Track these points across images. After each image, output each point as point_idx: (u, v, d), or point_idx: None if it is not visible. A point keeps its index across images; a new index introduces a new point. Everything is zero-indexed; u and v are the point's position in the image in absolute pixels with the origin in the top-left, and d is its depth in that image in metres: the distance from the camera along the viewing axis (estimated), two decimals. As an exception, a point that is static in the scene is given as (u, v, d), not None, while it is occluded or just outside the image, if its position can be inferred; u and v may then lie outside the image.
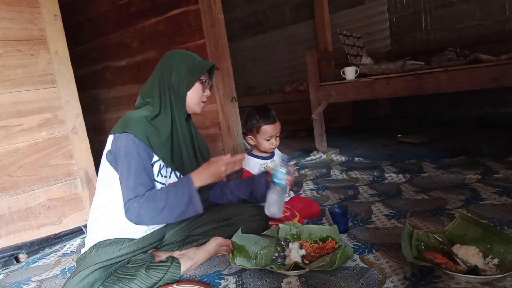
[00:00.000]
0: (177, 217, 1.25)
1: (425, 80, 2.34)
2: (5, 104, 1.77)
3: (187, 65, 1.34)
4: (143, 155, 1.24)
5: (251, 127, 1.71)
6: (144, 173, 1.23)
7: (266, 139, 1.70)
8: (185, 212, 1.23)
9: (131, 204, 1.20)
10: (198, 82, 1.36)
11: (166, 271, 1.26)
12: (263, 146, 1.72)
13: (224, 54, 2.99)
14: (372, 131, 3.91)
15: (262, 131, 1.69)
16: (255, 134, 1.71)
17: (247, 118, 1.74)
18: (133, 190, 1.20)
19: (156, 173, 1.31)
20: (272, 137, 1.70)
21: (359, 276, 1.19)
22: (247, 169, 1.73)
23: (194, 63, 1.36)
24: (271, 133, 1.69)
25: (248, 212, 1.51)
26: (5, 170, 1.77)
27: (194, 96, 1.37)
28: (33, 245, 1.85)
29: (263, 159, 1.77)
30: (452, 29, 3.88)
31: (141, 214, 1.20)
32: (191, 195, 1.22)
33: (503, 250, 1.14)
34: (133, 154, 1.22)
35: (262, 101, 4.71)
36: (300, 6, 4.93)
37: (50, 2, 1.91)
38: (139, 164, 1.22)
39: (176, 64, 1.34)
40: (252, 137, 1.74)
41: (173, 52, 1.41)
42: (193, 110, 1.40)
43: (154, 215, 1.21)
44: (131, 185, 1.21)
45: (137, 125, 1.25)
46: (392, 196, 1.90)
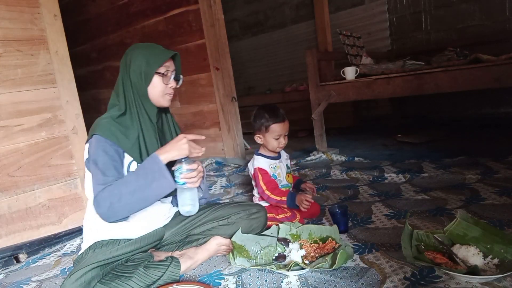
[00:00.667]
0: (152, 196, 1.21)
1: (425, 80, 2.34)
2: (5, 104, 1.77)
3: (143, 59, 1.29)
4: (110, 152, 1.23)
5: (260, 125, 1.70)
6: (112, 168, 1.22)
7: (275, 138, 1.68)
8: (159, 186, 1.19)
9: (100, 195, 1.16)
10: (157, 75, 1.30)
11: (165, 270, 1.26)
12: (271, 145, 1.71)
13: (224, 54, 2.99)
14: (372, 131, 3.90)
15: (271, 129, 1.68)
16: (264, 133, 1.70)
17: (256, 117, 1.72)
18: (101, 184, 1.19)
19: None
20: (281, 136, 1.69)
21: (359, 276, 1.19)
22: (263, 168, 1.72)
23: (150, 55, 1.29)
24: (280, 132, 1.68)
25: (247, 210, 1.51)
26: (5, 170, 1.77)
27: (156, 90, 1.32)
28: (33, 245, 1.85)
29: (272, 159, 1.76)
30: (452, 29, 3.88)
31: (113, 202, 1.15)
32: (160, 168, 1.19)
33: (503, 250, 1.14)
34: (99, 153, 1.23)
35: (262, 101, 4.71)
36: (300, 6, 4.93)
37: (50, 2, 1.91)
38: (106, 161, 1.22)
39: (134, 59, 1.29)
40: (260, 136, 1.73)
41: (133, 46, 1.35)
42: (160, 104, 1.35)
43: (127, 198, 1.16)
44: (100, 181, 1.20)
45: (103, 126, 1.26)
46: (392, 196, 1.89)
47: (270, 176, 1.72)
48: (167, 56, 1.31)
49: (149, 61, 1.28)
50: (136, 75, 1.29)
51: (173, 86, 1.36)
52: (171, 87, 1.35)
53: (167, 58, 1.31)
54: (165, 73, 1.31)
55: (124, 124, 1.29)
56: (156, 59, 1.29)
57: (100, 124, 1.27)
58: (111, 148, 1.24)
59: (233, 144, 3.12)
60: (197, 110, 3.20)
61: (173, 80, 1.35)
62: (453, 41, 3.68)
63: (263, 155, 1.77)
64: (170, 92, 1.36)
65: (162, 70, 1.30)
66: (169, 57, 1.32)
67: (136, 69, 1.29)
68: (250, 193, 2.31)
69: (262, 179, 1.71)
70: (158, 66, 1.29)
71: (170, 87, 1.34)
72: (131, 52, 1.31)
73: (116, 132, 1.26)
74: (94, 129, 1.27)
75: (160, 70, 1.30)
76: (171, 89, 1.35)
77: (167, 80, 1.33)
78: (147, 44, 1.35)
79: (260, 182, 1.71)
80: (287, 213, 1.69)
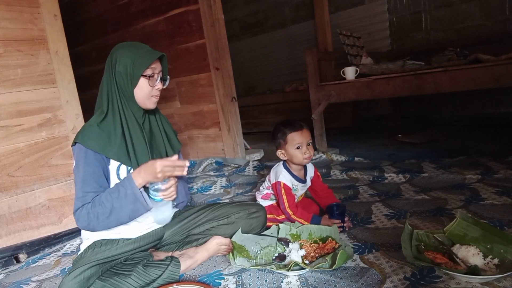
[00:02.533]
0: (129, 217, 1.22)
1: (425, 80, 2.34)
2: (5, 104, 1.77)
3: (129, 59, 1.24)
4: (92, 162, 1.22)
5: (279, 140, 1.62)
6: (92, 181, 1.21)
7: (296, 147, 1.58)
8: (134, 210, 1.20)
9: (79, 212, 1.19)
10: (143, 77, 1.26)
11: (165, 269, 1.26)
12: (296, 158, 1.59)
13: (224, 54, 2.99)
14: (372, 131, 3.90)
15: (289, 139, 1.58)
16: (284, 146, 1.61)
17: (274, 134, 1.65)
18: (80, 199, 1.20)
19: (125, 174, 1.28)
20: (303, 144, 1.57)
21: (359, 276, 1.19)
22: (288, 185, 1.62)
23: (137, 56, 1.24)
24: (299, 140, 1.57)
25: (247, 209, 1.51)
26: (5, 170, 1.77)
27: (142, 92, 1.28)
28: (33, 245, 1.85)
29: (296, 180, 1.65)
30: (452, 29, 3.88)
31: (91, 220, 1.18)
32: (134, 193, 1.18)
33: (503, 250, 1.14)
34: (80, 163, 1.22)
35: (262, 101, 4.72)
36: (300, 6, 4.93)
37: (50, 2, 1.91)
38: (86, 172, 1.21)
39: (119, 59, 1.25)
40: (282, 151, 1.63)
41: (117, 46, 1.30)
42: (146, 106, 1.32)
43: (103, 218, 1.18)
44: (78, 194, 1.21)
45: (85, 133, 1.23)
46: (392, 196, 1.89)
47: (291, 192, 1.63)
48: (153, 58, 1.26)
49: (135, 62, 1.23)
50: (122, 77, 1.25)
51: (160, 88, 1.31)
52: (158, 89, 1.31)
53: (153, 60, 1.26)
54: (152, 75, 1.27)
55: (107, 129, 1.26)
56: (143, 61, 1.24)
57: (83, 131, 1.25)
58: (93, 157, 1.22)
59: (233, 144, 3.12)
60: (197, 110, 3.20)
61: (159, 82, 1.31)
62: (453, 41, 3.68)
63: (290, 172, 1.65)
64: (156, 94, 1.31)
65: (148, 72, 1.26)
66: (156, 58, 1.27)
67: (122, 70, 1.25)
68: (250, 193, 2.31)
69: (287, 198, 1.60)
70: (144, 68, 1.24)
71: (157, 89, 1.30)
72: (116, 52, 1.27)
73: (98, 140, 1.23)
74: (77, 136, 1.25)
75: (147, 72, 1.26)
76: (158, 91, 1.31)
77: (154, 82, 1.28)
78: (132, 43, 1.30)
79: (284, 197, 1.60)
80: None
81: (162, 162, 1.16)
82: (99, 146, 1.23)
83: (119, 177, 1.28)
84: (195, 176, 2.89)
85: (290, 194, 1.61)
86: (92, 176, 1.22)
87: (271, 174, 1.73)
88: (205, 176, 2.85)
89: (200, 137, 3.29)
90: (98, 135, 1.24)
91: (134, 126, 1.31)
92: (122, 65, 1.24)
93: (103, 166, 1.26)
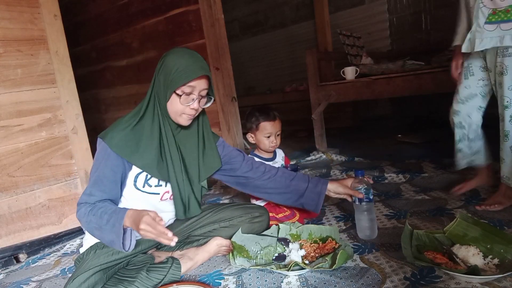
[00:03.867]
0: (107, 243, 1.19)
1: (425, 80, 2.34)
2: (5, 104, 1.77)
3: (169, 71, 1.18)
4: (111, 165, 1.20)
5: (251, 124, 1.73)
6: (103, 182, 1.20)
7: (265, 136, 1.70)
8: (113, 243, 1.14)
9: (81, 207, 1.19)
10: (175, 95, 1.19)
11: (167, 272, 1.26)
12: (263, 144, 1.73)
13: (224, 54, 2.99)
14: (372, 131, 3.90)
15: (261, 127, 1.70)
16: (255, 131, 1.73)
17: (248, 117, 1.75)
18: (87, 196, 1.20)
19: (142, 183, 1.28)
20: (272, 134, 1.70)
21: (359, 276, 1.19)
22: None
23: (177, 70, 1.17)
24: (270, 130, 1.70)
25: (250, 214, 1.51)
26: (5, 170, 1.77)
27: (173, 108, 1.22)
28: (33, 245, 1.85)
29: (266, 161, 1.76)
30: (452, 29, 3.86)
31: (84, 222, 1.18)
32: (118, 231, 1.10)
33: (503, 250, 1.14)
34: (100, 163, 1.21)
35: (262, 101, 4.71)
36: (300, 6, 4.93)
37: (50, 2, 1.91)
38: (102, 173, 1.20)
39: (163, 67, 1.21)
40: (252, 135, 1.75)
41: (169, 52, 1.24)
42: (177, 121, 1.26)
43: (92, 227, 1.17)
44: (87, 191, 1.21)
45: (115, 134, 1.20)
46: (392, 196, 1.89)
47: None
48: (191, 77, 1.17)
49: (173, 76, 1.17)
50: (160, 86, 1.21)
51: (195, 108, 1.22)
52: (193, 108, 1.21)
53: (190, 79, 1.17)
54: (189, 93, 1.19)
55: (138, 134, 1.22)
56: (179, 77, 1.16)
57: (114, 130, 1.21)
58: (114, 161, 1.20)
59: (233, 144, 3.11)
60: (197, 110, 3.19)
61: (196, 102, 1.21)
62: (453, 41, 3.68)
63: (257, 155, 1.78)
64: (190, 114, 1.23)
65: (186, 90, 1.18)
66: (195, 77, 1.17)
67: (162, 79, 1.20)
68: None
69: None
70: (179, 85, 1.17)
71: (192, 108, 1.21)
72: (165, 57, 1.22)
73: (125, 146, 1.20)
74: (107, 132, 1.21)
75: (183, 89, 1.18)
76: (193, 111, 1.22)
77: (186, 101, 1.20)
78: (184, 51, 1.22)
79: None
80: (286, 211, 1.69)
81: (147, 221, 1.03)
82: (124, 152, 1.20)
83: (135, 184, 1.28)
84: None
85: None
86: (106, 179, 1.20)
87: None
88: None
89: (200, 137, 3.29)
90: (127, 141, 1.21)
91: (170, 137, 1.27)
92: (163, 74, 1.20)
93: (122, 171, 1.23)
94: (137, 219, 1.05)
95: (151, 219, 1.03)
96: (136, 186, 1.28)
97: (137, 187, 1.29)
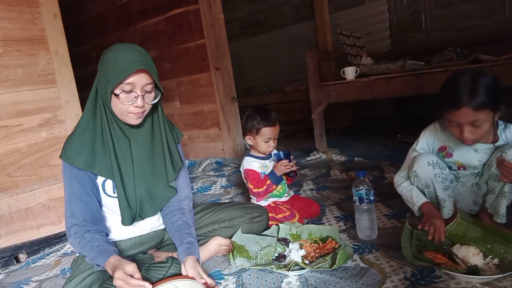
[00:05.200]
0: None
1: (425, 80, 2.34)
2: (5, 104, 1.77)
3: (106, 71, 1.10)
4: (76, 180, 1.19)
5: (251, 127, 1.71)
6: (77, 199, 1.20)
7: (265, 140, 1.70)
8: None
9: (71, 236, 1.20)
10: (114, 96, 1.12)
11: (166, 272, 1.26)
12: (261, 148, 1.73)
13: (224, 54, 2.99)
14: (372, 131, 3.90)
15: (261, 132, 1.69)
16: (255, 135, 1.72)
17: (248, 119, 1.74)
18: (70, 218, 1.21)
19: (111, 189, 1.25)
20: (271, 139, 1.71)
21: (359, 276, 1.19)
22: (250, 168, 1.74)
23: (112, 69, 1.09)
24: (270, 135, 1.69)
25: (249, 214, 1.51)
26: (5, 170, 1.77)
27: (117, 109, 1.15)
28: (33, 245, 1.85)
29: (262, 159, 1.77)
30: (452, 29, 3.88)
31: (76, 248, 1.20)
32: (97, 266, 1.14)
33: (503, 250, 1.14)
34: (66, 182, 1.22)
35: (262, 101, 4.71)
36: (300, 6, 4.92)
37: (50, 2, 1.91)
38: (71, 191, 1.20)
39: (100, 68, 1.14)
40: (251, 137, 1.75)
41: (108, 49, 1.15)
42: (126, 122, 1.18)
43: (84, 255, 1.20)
44: (67, 213, 1.22)
45: (67, 149, 1.19)
46: (392, 196, 1.89)
47: (257, 173, 1.74)
48: (127, 73, 1.08)
49: (109, 76, 1.10)
50: (102, 87, 1.15)
51: (139, 105, 1.13)
52: (136, 106, 1.13)
53: (126, 75, 1.08)
54: (129, 91, 1.11)
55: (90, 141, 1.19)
56: (115, 75, 1.08)
57: (66, 145, 1.19)
58: (78, 175, 1.19)
59: (233, 144, 3.12)
60: (197, 110, 3.20)
61: (140, 99, 1.12)
62: (453, 41, 3.68)
63: (253, 156, 1.79)
64: (135, 112, 1.14)
65: (125, 88, 1.10)
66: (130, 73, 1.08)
67: (101, 79, 1.14)
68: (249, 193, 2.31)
69: (249, 181, 1.73)
70: (115, 84, 1.10)
71: (135, 107, 1.13)
72: (103, 55, 1.15)
73: (80, 156, 1.17)
74: (62, 151, 1.20)
75: (121, 88, 1.10)
76: (137, 109, 1.14)
77: (128, 100, 1.12)
78: (122, 47, 1.13)
79: (249, 184, 1.73)
80: (286, 212, 1.69)
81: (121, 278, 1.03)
82: (82, 163, 1.18)
83: (105, 192, 1.26)
84: (195, 176, 2.89)
85: (253, 176, 1.72)
86: (77, 195, 1.20)
87: (242, 172, 1.82)
88: (205, 176, 2.86)
89: (200, 137, 3.29)
90: (80, 151, 1.18)
91: (118, 139, 1.22)
92: (102, 74, 1.13)
93: (89, 181, 1.22)
94: (114, 270, 1.06)
95: (124, 275, 1.03)
96: (106, 192, 1.26)
97: (107, 194, 1.26)
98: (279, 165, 1.65)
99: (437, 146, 1.44)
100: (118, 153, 1.23)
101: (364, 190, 1.41)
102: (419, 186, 1.40)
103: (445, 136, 1.40)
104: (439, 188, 1.34)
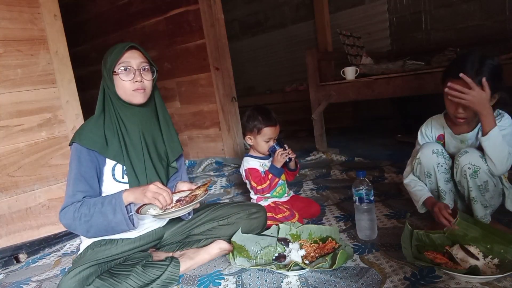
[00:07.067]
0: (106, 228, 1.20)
1: (425, 80, 2.34)
2: (5, 104, 1.77)
3: (105, 63, 1.28)
4: (85, 161, 1.24)
5: (253, 127, 1.71)
6: (83, 180, 1.23)
7: (265, 140, 1.71)
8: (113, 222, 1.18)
9: (67, 209, 1.21)
10: (116, 76, 1.26)
11: (165, 270, 1.26)
12: (261, 148, 1.73)
13: (224, 54, 2.99)
14: (372, 131, 3.90)
15: (263, 132, 1.69)
16: (255, 134, 1.72)
17: (249, 118, 1.74)
18: (70, 197, 1.22)
19: (120, 174, 1.30)
20: (271, 139, 1.71)
21: (359, 276, 1.19)
22: (251, 167, 1.74)
23: (108, 57, 1.27)
24: (271, 135, 1.70)
25: (247, 210, 1.51)
26: (5, 170, 1.77)
27: (123, 90, 1.27)
28: (33, 245, 1.85)
29: (262, 159, 1.78)
30: (452, 29, 3.87)
31: (75, 219, 1.18)
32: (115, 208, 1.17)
33: (503, 250, 1.14)
34: (74, 162, 1.25)
35: (262, 101, 4.71)
36: (300, 6, 4.92)
37: (50, 2, 1.91)
38: (78, 171, 1.23)
39: (103, 64, 1.30)
40: (251, 137, 1.75)
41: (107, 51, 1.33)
42: (134, 102, 1.29)
43: (85, 220, 1.18)
44: (69, 193, 1.23)
45: (81, 132, 1.27)
46: (392, 196, 1.89)
47: (258, 170, 1.74)
48: (121, 51, 1.25)
49: (107, 62, 1.26)
50: (105, 78, 1.29)
51: (138, 80, 1.26)
52: (137, 81, 1.26)
53: (120, 54, 1.25)
54: (126, 68, 1.26)
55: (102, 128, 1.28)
56: (112, 58, 1.25)
57: (79, 131, 1.28)
58: (87, 157, 1.24)
59: (233, 144, 3.12)
60: (197, 110, 3.20)
61: (138, 74, 1.26)
62: (453, 41, 3.68)
63: (252, 156, 1.79)
64: (137, 88, 1.27)
65: (122, 66, 1.25)
66: (123, 51, 1.25)
67: (104, 71, 1.29)
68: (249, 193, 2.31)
69: (252, 179, 1.72)
70: (113, 65, 1.25)
71: (135, 82, 1.26)
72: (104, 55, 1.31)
73: (94, 138, 1.25)
74: (74, 136, 1.28)
75: (119, 67, 1.26)
76: (138, 84, 1.26)
77: (128, 76, 1.26)
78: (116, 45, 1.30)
79: (252, 182, 1.72)
80: (286, 212, 1.69)
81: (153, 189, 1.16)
82: (95, 144, 1.25)
83: (114, 177, 1.29)
84: (195, 176, 2.89)
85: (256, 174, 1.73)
86: (84, 176, 1.23)
87: (242, 173, 1.82)
88: (205, 176, 2.86)
89: (200, 137, 3.29)
90: (94, 134, 1.26)
91: (131, 127, 1.32)
92: (104, 67, 1.29)
93: (97, 166, 1.27)
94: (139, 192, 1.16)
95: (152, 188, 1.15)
96: (115, 178, 1.30)
97: (116, 179, 1.30)
98: (276, 157, 1.66)
99: (436, 134, 1.49)
100: (127, 139, 1.30)
101: (364, 190, 1.41)
102: (421, 176, 1.42)
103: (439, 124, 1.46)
104: (440, 179, 1.36)
